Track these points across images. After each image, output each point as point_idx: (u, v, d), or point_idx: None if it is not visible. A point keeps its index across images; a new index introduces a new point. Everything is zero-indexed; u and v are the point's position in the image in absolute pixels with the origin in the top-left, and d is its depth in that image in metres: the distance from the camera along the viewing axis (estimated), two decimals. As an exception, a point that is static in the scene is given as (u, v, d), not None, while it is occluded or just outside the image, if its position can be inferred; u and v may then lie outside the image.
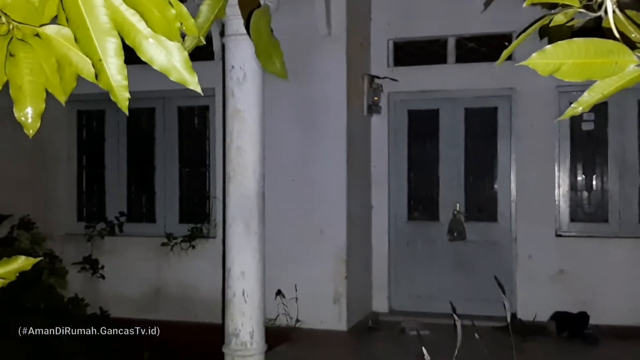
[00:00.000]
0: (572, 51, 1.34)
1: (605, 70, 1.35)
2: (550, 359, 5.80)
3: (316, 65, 6.71)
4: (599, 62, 1.35)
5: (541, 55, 1.35)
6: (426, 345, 5.10)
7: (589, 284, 6.89)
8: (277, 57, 1.60)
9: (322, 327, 6.53)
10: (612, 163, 7.10)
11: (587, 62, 1.35)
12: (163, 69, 1.02)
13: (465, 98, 7.34)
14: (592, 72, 1.36)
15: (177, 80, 1.03)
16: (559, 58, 1.35)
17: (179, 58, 1.02)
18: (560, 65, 1.35)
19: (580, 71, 1.36)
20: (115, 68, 0.98)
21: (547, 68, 1.36)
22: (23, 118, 1.01)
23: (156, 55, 1.01)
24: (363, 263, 7.25)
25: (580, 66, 1.35)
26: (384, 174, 7.51)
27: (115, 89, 0.99)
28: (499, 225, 7.33)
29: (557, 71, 1.36)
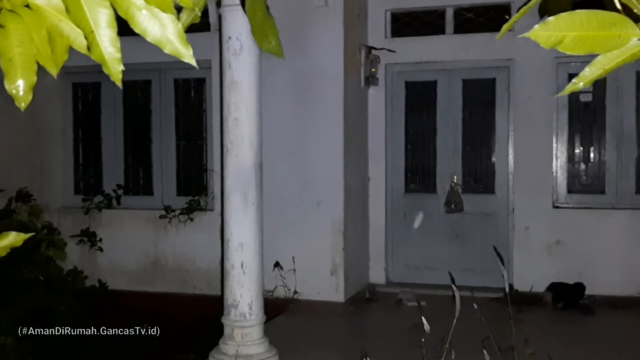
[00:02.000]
0: (574, 23, 1.31)
1: (607, 43, 1.33)
2: (546, 329, 5.84)
3: (313, 36, 6.65)
4: (601, 35, 1.32)
5: (543, 27, 1.32)
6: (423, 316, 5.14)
7: (585, 255, 6.92)
8: (273, 35, 1.57)
9: (319, 298, 6.57)
10: (610, 135, 7.09)
11: (589, 35, 1.32)
12: (156, 41, 0.99)
13: (463, 69, 7.29)
14: (595, 45, 1.34)
15: (171, 52, 1.00)
16: (561, 30, 1.32)
17: (173, 30, 1.00)
18: (562, 37, 1.33)
19: (582, 44, 1.33)
20: (108, 40, 0.96)
21: (549, 40, 1.33)
22: (14, 91, 0.98)
23: (149, 27, 0.98)
24: (360, 235, 7.27)
25: (583, 39, 1.33)
26: (381, 145, 7.49)
27: (107, 61, 0.97)
28: (496, 197, 7.33)
29: (559, 44, 1.34)
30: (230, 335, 4.36)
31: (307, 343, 5.29)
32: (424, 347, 3.97)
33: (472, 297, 6.63)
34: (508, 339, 4.84)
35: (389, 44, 7.33)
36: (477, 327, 5.04)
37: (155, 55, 4.90)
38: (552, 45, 1.34)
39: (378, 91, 7.42)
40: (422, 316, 3.03)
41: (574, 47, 1.34)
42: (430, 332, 4.73)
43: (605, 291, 6.72)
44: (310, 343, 5.30)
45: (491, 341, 3.68)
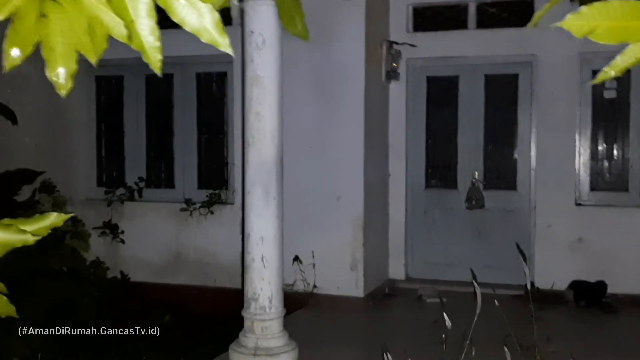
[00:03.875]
0: (607, 13, 1.31)
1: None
2: (568, 327, 5.81)
3: (335, 30, 6.64)
4: (634, 25, 1.31)
5: (576, 17, 1.32)
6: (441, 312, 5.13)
7: (607, 254, 6.86)
8: (299, 18, 1.58)
9: (339, 293, 6.58)
10: (634, 132, 7.01)
11: (622, 25, 1.31)
12: (194, 31, 1.00)
13: (485, 65, 7.25)
14: (627, 35, 1.32)
15: (208, 41, 1.01)
16: (594, 20, 1.31)
17: (210, 19, 1.01)
18: (595, 27, 1.32)
19: (615, 34, 1.32)
20: (148, 29, 0.97)
21: (582, 30, 1.32)
22: (55, 78, 1.00)
23: (188, 17, 0.99)
24: (380, 230, 7.26)
25: (615, 28, 1.32)
26: (402, 141, 7.47)
27: (147, 50, 0.98)
28: (518, 193, 7.29)
29: (591, 33, 1.33)
30: (250, 328, 4.38)
31: (326, 338, 5.30)
32: (445, 343, 3.97)
33: (494, 294, 6.60)
34: (529, 337, 4.82)
35: (411, 39, 7.30)
36: (498, 325, 5.03)
37: (177, 49, 4.93)
38: (585, 34, 1.33)
39: (399, 86, 7.40)
40: (443, 312, 3.02)
41: (606, 36, 1.33)
42: (453, 329, 4.72)
43: (628, 290, 6.66)
44: (329, 338, 5.31)
45: (512, 339, 3.66)
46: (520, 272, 7.11)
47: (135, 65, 6.65)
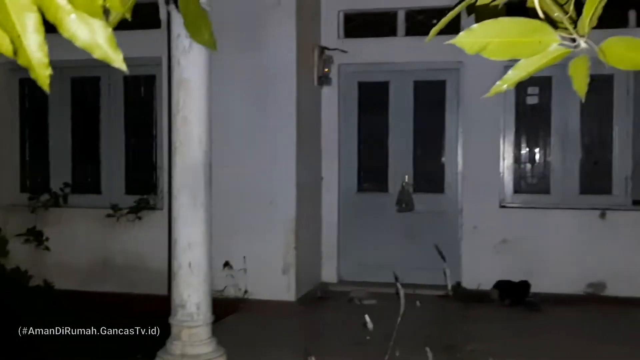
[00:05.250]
0: (498, 30, 1.37)
1: (529, 49, 1.39)
2: (492, 325, 5.99)
3: (266, 35, 6.65)
4: (524, 41, 1.38)
5: (468, 34, 1.38)
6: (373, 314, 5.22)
7: (531, 254, 7.11)
8: (206, 28, 1.58)
9: (270, 297, 6.57)
10: (555, 136, 7.29)
11: (512, 41, 1.38)
12: (86, 46, 1.00)
13: (414, 71, 7.40)
14: (517, 51, 1.39)
15: (100, 58, 1.01)
16: (485, 37, 1.38)
17: (103, 35, 1.00)
18: (486, 44, 1.39)
19: (506, 50, 1.39)
20: (35, 45, 0.96)
21: (474, 46, 1.39)
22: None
23: (79, 32, 0.98)
24: (312, 234, 7.31)
25: (506, 45, 1.39)
26: (334, 145, 7.55)
27: (35, 66, 0.97)
28: (445, 196, 7.47)
29: (483, 50, 1.40)
30: (178, 335, 4.34)
31: (256, 343, 5.30)
32: (371, 344, 4.04)
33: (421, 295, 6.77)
34: (454, 336, 4.96)
35: (342, 45, 7.39)
36: (424, 324, 5.16)
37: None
38: (477, 51, 1.40)
39: (331, 91, 7.48)
40: (365, 315, 3.08)
41: (497, 52, 1.40)
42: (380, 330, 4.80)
43: (551, 289, 6.91)
44: (259, 343, 5.31)
45: (435, 338, 3.77)
46: (450, 273, 7.31)
47: (61, 67, 6.50)
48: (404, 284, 6.60)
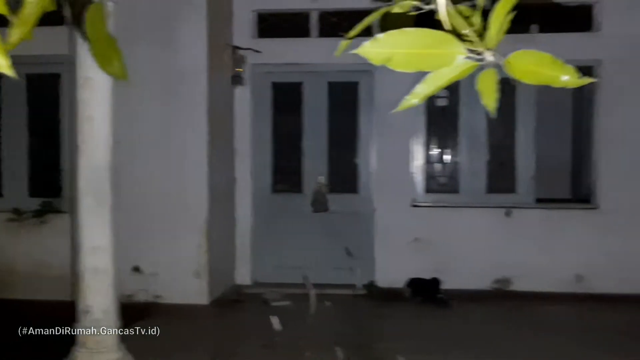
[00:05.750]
0: (403, 41, 1.36)
1: (435, 61, 1.39)
2: (402, 322, 6.10)
3: (177, 33, 6.50)
4: (429, 53, 1.38)
5: (373, 44, 1.36)
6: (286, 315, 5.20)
7: (441, 251, 7.30)
8: (116, 57, 1.50)
9: (183, 301, 6.43)
10: (463, 137, 7.51)
11: (418, 53, 1.37)
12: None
13: (328, 72, 7.43)
14: (423, 63, 1.39)
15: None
16: (391, 47, 1.36)
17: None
18: (392, 54, 1.38)
19: (411, 61, 1.39)
20: None
21: (380, 57, 1.37)
22: None
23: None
24: (226, 236, 7.21)
25: (412, 56, 1.38)
26: (248, 146, 7.48)
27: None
28: (359, 196, 7.55)
29: (389, 61, 1.39)
30: (83, 342, 4.15)
31: (167, 348, 5.17)
32: (281, 346, 4.02)
33: (336, 295, 6.82)
34: (364, 334, 5.01)
35: (256, 45, 7.32)
36: (335, 324, 5.18)
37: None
38: (382, 62, 1.38)
39: (245, 91, 7.40)
40: (270, 316, 3.06)
41: (403, 64, 1.39)
42: (292, 331, 4.79)
43: (461, 285, 7.13)
44: (170, 348, 5.18)
45: (344, 338, 3.79)
46: (364, 272, 7.40)
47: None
48: (319, 284, 6.68)
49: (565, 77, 1.31)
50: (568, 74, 1.31)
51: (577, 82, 1.31)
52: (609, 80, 7.07)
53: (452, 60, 1.37)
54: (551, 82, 1.32)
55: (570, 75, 1.31)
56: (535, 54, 1.33)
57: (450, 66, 1.38)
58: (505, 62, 1.34)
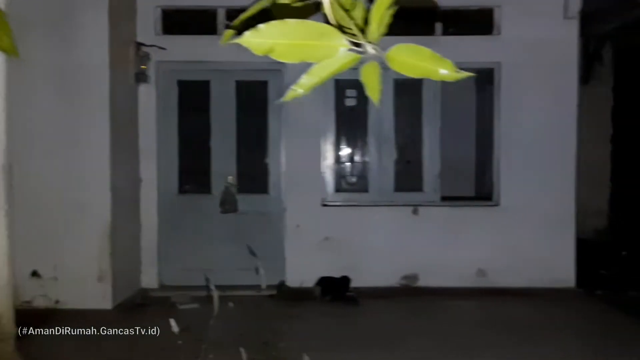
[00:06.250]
0: (285, 31, 1.34)
1: (318, 52, 1.38)
2: (310, 321, 6.12)
3: (77, 29, 6.24)
4: (312, 45, 1.37)
5: (255, 34, 1.34)
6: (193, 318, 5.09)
7: (351, 250, 7.37)
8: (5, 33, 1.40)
9: (85, 306, 6.18)
10: (372, 137, 7.62)
11: (300, 44, 1.36)
12: None
13: (236, 70, 7.35)
14: (306, 54, 1.38)
15: None
16: (273, 38, 1.35)
17: None
18: (274, 45, 1.36)
19: (294, 52, 1.37)
20: None
21: (262, 47, 1.35)
22: None
23: None
24: (130, 238, 7.00)
25: (294, 47, 1.36)
26: (154, 145, 7.29)
27: None
28: (270, 196, 7.51)
29: (272, 51, 1.37)
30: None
31: (66, 354, 4.96)
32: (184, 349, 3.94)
33: (246, 296, 6.76)
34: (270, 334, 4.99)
35: (161, 42, 7.15)
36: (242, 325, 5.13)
37: None
38: (265, 52, 1.36)
39: (149, 89, 7.21)
40: (169, 319, 2.99)
41: (286, 55, 1.37)
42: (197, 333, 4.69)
43: (370, 283, 7.23)
44: (69, 354, 4.98)
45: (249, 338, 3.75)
46: (275, 272, 7.36)
47: None
48: (227, 286, 6.59)
49: (443, 71, 1.33)
50: (446, 67, 1.33)
51: (454, 76, 1.34)
52: (508, 83, 7.37)
53: (335, 52, 1.36)
54: (430, 75, 1.35)
55: (449, 69, 1.33)
56: (415, 48, 1.35)
57: (333, 58, 1.37)
58: (386, 56, 1.35)
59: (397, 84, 7.48)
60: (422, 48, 1.33)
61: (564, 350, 5.23)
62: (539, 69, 7.31)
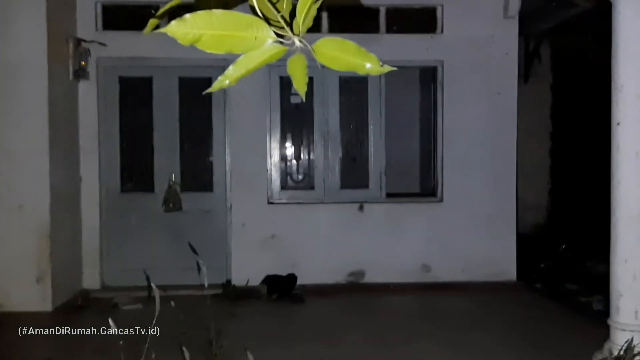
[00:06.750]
0: (211, 22, 1.33)
1: (245, 43, 1.37)
2: (258, 321, 6.10)
3: (12, 24, 6.05)
4: (238, 36, 1.36)
5: (180, 24, 1.32)
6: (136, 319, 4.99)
7: (298, 248, 7.38)
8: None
9: (23, 309, 5.99)
10: (318, 135, 7.63)
11: (227, 35, 1.35)
12: None
13: (179, 67, 7.24)
14: (233, 45, 1.37)
15: None
16: (198, 28, 1.33)
17: None
18: (200, 35, 1.34)
19: (220, 43, 1.36)
20: None
21: (187, 37, 1.34)
22: None
23: None
24: (70, 238, 6.83)
25: (220, 38, 1.35)
26: (94, 143, 7.13)
27: None
28: (214, 194, 7.44)
29: (198, 41, 1.35)
30: None
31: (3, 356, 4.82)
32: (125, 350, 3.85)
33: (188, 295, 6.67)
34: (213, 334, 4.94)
35: (101, 37, 7.00)
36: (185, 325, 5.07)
37: None
38: (191, 42, 1.35)
39: (90, 86, 7.05)
40: (109, 319, 2.93)
41: (212, 45, 1.36)
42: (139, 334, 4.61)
43: (317, 280, 7.24)
44: (6, 356, 4.83)
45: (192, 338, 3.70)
46: (221, 271, 7.30)
47: None
48: (169, 285, 6.49)
49: (368, 65, 1.34)
50: (371, 62, 1.34)
51: (379, 70, 1.35)
52: (450, 80, 7.49)
53: (262, 43, 1.36)
54: (356, 68, 1.35)
55: (373, 64, 1.34)
56: (340, 42, 1.35)
57: (260, 49, 1.37)
58: (312, 48, 1.35)
59: (342, 81, 7.50)
60: (348, 42, 1.33)
61: (494, 338, 5.41)
62: (481, 67, 7.46)
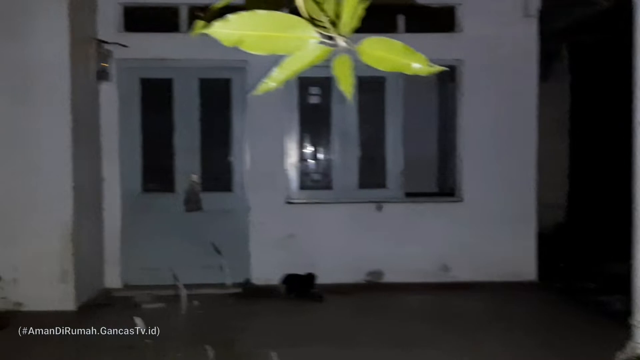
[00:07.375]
0: (255, 23, 1.34)
1: (288, 44, 1.38)
2: (277, 319, 6.12)
3: (35, 26, 6.12)
4: (282, 36, 1.36)
5: (224, 25, 1.33)
6: (159, 317, 5.05)
7: (316, 247, 7.39)
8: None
9: (47, 308, 6.07)
10: (335, 134, 7.65)
11: (270, 36, 1.35)
12: None
13: (199, 68, 7.30)
14: (276, 46, 1.37)
15: None
16: (242, 29, 1.34)
17: None
18: (243, 36, 1.35)
19: (264, 44, 1.36)
20: None
21: (231, 38, 1.34)
22: None
23: None
24: (93, 238, 6.89)
25: (264, 39, 1.36)
26: (116, 144, 7.20)
27: None
28: (234, 194, 7.48)
29: (241, 43, 1.36)
30: None
31: (28, 358, 4.87)
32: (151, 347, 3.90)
33: (210, 294, 6.71)
34: (235, 332, 4.98)
35: (122, 39, 7.05)
36: (208, 324, 5.11)
37: None
38: (234, 43, 1.36)
39: (111, 87, 7.11)
40: (137, 318, 2.97)
41: (256, 46, 1.37)
42: (164, 332, 4.66)
43: (335, 279, 7.24)
44: (31, 358, 4.89)
45: (215, 336, 3.74)
46: (240, 270, 7.34)
47: None
48: (192, 284, 6.55)
49: (416, 65, 1.34)
50: (419, 62, 1.34)
51: (428, 70, 1.35)
52: (469, 79, 7.48)
53: (305, 45, 1.36)
54: (403, 69, 1.35)
55: (422, 64, 1.34)
56: (387, 41, 1.35)
57: (304, 50, 1.37)
58: (358, 49, 1.35)
59: (360, 81, 7.46)
60: (395, 41, 1.34)
61: (514, 338, 5.39)
62: (500, 66, 7.43)
